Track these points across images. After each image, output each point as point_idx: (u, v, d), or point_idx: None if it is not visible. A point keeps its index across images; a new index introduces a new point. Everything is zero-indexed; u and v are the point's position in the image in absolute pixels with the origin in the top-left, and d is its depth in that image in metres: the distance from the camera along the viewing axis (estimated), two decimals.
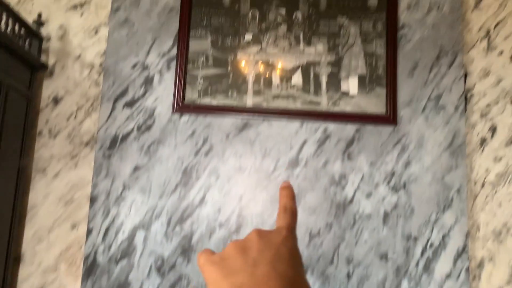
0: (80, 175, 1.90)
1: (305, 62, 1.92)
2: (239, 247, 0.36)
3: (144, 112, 1.86)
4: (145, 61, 1.89)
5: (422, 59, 1.91)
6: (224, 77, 1.90)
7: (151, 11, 1.92)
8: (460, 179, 1.84)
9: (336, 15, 1.94)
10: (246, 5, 1.94)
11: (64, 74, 1.96)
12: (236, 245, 0.37)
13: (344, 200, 1.83)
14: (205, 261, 0.37)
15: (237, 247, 0.36)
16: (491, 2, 2.05)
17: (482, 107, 1.99)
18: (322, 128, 1.87)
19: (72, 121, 1.93)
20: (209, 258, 0.37)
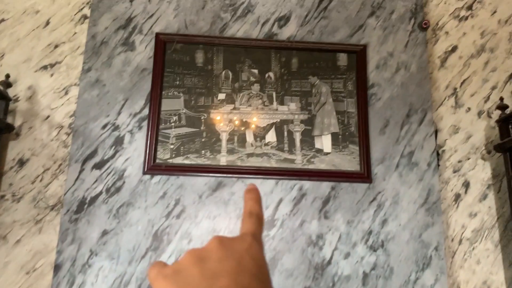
0: (44, 241, 1.80)
1: (279, 120, 1.92)
2: (196, 257, 0.31)
3: (113, 174, 1.80)
4: (116, 121, 1.85)
5: (393, 117, 1.94)
6: (197, 136, 1.87)
7: (123, 72, 1.91)
8: (438, 236, 1.81)
9: (308, 75, 1.97)
10: (219, 66, 1.96)
11: (31, 135, 1.90)
12: (192, 254, 0.32)
13: (322, 261, 1.77)
14: (156, 275, 0.32)
15: (194, 257, 0.31)
16: (455, 61, 2.13)
17: (454, 163, 2.01)
18: (297, 186, 1.85)
19: (38, 183, 1.85)
20: (161, 271, 0.32)
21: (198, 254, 0.32)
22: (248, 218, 0.38)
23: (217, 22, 2.00)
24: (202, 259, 0.31)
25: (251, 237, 0.35)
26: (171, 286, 0.29)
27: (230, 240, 0.34)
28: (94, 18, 1.96)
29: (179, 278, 0.30)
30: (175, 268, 0.31)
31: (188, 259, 0.31)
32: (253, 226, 0.37)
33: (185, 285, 0.29)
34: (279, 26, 2.02)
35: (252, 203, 0.39)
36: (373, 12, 2.06)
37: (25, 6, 2.03)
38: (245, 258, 0.31)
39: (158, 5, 2.00)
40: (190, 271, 0.30)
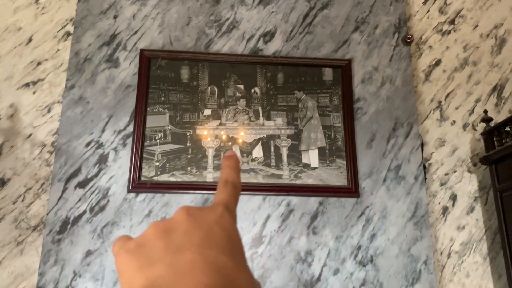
0: (26, 263, 1.75)
1: (265, 135, 1.91)
2: (161, 229, 0.29)
3: (97, 192, 1.76)
4: (100, 138, 1.82)
5: (379, 131, 1.94)
6: (183, 152, 1.85)
7: (107, 88, 1.89)
8: (426, 250, 1.81)
9: (294, 90, 1.97)
10: (205, 81, 1.95)
11: (13, 154, 1.86)
12: (157, 227, 0.29)
13: (311, 278, 1.75)
14: (119, 249, 0.29)
15: (159, 230, 0.29)
16: (440, 75, 2.15)
17: (441, 176, 2.01)
18: (285, 202, 1.83)
19: (20, 204, 1.80)
20: (124, 246, 0.29)
21: (163, 226, 0.29)
22: (223, 187, 0.34)
23: (202, 38, 2.00)
24: (167, 231, 0.28)
25: (222, 207, 0.32)
26: (133, 260, 0.27)
27: (198, 210, 0.31)
28: (78, 35, 1.94)
29: (143, 252, 0.28)
30: (139, 241, 0.29)
31: (153, 232, 0.29)
32: (227, 195, 0.34)
33: (147, 259, 0.27)
34: (264, 42, 2.02)
35: (228, 171, 0.36)
36: (357, 27, 2.08)
37: (7, 23, 2.00)
38: (214, 230, 0.29)
39: (143, 22, 1.99)
40: (154, 244, 0.28)
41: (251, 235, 1.77)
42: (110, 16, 1.98)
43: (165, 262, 0.26)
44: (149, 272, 0.26)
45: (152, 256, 0.27)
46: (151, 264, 0.26)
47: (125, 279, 0.27)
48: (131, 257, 0.28)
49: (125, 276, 0.27)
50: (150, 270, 0.26)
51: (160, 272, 0.25)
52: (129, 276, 0.27)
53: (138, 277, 0.26)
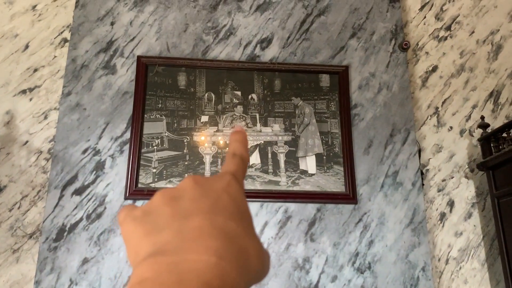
0: (22, 271, 1.73)
1: (263, 141, 1.91)
2: (168, 196, 0.28)
3: (94, 200, 1.75)
4: (97, 145, 1.82)
5: (376, 137, 1.94)
6: (180, 159, 1.85)
7: (104, 95, 1.89)
8: (424, 256, 1.80)
9: (291, 96, 1.97)
10: (202, 88, 1.95)
11: (9, 161, 1.85)
12: (164, 194, 0.29)
13: (309, 285, 1.74)
14: (124, 217, 0.29)
15: (166, 197, 0.28)
16: (436, 81, 2.16)
17: (438, 182, 2.01)
18: (282, 209, 1.82)
19: (16, 211, 1.79)
20: (130, 214, 0.29)
21: (170, 193, 0.29)
22: (231, 158, 0.34)
23: (199, 44, 2.00)
24: (175, 198, 0.28)
25: (230, 175, 0.31)
26: (139, 228, 0.27)
27: (206, 179, 0.30)
28: (75, 41, 1.94)
29: (149, 219, 0.27)
30: (145, 209, 0.28)
31: (159, 199, 0.28)
32: (235, 166, 0.33)
33: (154, 226, 0.26)
34: (261, 48, 2.02)
35: (237, 145, 0.36)
36: (354, 34, 2.08)
37: (4, 30, 2.00)
38: (222, 197, 0.28)
39: (140, 28, 1.99)
40: (161, 211, 0.27)
41: None
42: (107, 22, 1.98)
43: (173, 228, 0.25)
44: (156, 238, 0.25)
45: (159, 222, 0.26)
46: (158, 231, 0.26)
47: (131, 247, 0.27)
48: (137, 224, 0.27)
49: (132, 244, 0.27)
50: (157, 236, 0.25)
51: (167, 237, 0.25)
52: (135, 244, 0.27)
53: (144, 243, 0.26)
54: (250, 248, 0.26)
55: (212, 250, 0.23)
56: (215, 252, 0.23)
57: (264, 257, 0.27)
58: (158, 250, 0.24)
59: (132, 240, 0.27)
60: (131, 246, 0.27)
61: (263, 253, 0.27)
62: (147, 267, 0.23)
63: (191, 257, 0.23)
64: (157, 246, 0.25)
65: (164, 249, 0.24)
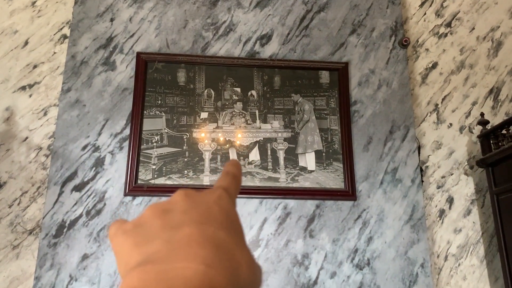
0: (22, 267, 1.74)
1: (262, 138, 1.91)
2: (159, 210, 0.28)
3: (94, 196, 1.76)
4: (97, 142, 1.82)
5: (376, 134, 1.94)
6: (179, 156, 1.85)
7: (104, 91, 1.89)
8: (423, 253, 1.80)
9: (290, 93, 1.97)
10: (201, 84, 1.94)
11: (9, 157, 1.85)
12: (155, 208, 0.29)
13: (308, 281, 1.74)
14: (115, 231, 0.29)
15: (156, 210, 0.28)
16: (436, 77, 2.16)
17: (437, 179, 2.01)
18: (282, 205, 1.83)
19: (15, 207, 1.80)
20: (121, 227, 0.29)
21: (161, 206, 0.29)
22: (223, 176, 0.34)
23: (199, 41, 2.00)
24: (165, 211, 0.28)
25: (222, 189, 0.31)
26: (129, 240, 0.27)
27: (197, 192, 0.31)
28: (74, 37, 1.94)
29: (139, 231, 0.27)
30: (136, 222, 0.29)
31: (150, 212, 0.29)
32: (227, 183, 0.33)
33: (144, 237, 0.26)
34: (261, 45, 2.02)
35: (231, 167, 0.36)
36: (354, 30, 2.08)
37: (3, 26, 2.00)
38: (212, 208, 0.28)
39: (139, 25, 1.99)
40: (152, 223, 0.27)
41: (248, 238, 1.77)
42: (107, 19, 1.98)
43: (162, 238, 0.26)
44: (146, 248, 0.25)
45: (149, 234, 0.27)
46: (148, 241, 0.26)
47: (121, 259, 0.27)
48: (127, 237, 0.27)
49: (122, 256, 0.27)
50: (147, 247, 0.25)
51: (156, 247, 0.25)
52: (125, 255, 0.27)
53: (134, 254, 0.26)
54: (240, 257, 0.26)
55: (201, 258, 0.23)
56: (203, 260, 0.23)
57: (256, 269, 0.27)
58: (147, 259, 0.24)
59: (122, 251, 0.27)
60: (121, 257, 0.27)
61: (255, 265, 0.27)
62: (136, 276, 0.23)
63: (179, 265, 0.23)
64: (146, 255, 0.25)
65: (153, 258, 0.24)
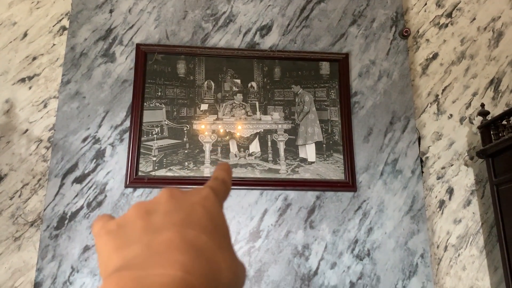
0: (23, 259, 1.75)
1: (262, 130, 1.91)
2: (142, 210, 0.28)
3: (95, 188, 1.76)
4: (97, 134, 1.82)
5: (376, 125, 1.94)
6: (180, 147, 1.85)
7: (104, 83, 1.88)
8: (423, 243, 1.81)
9: (291, 84, 1.97)
10: (201, 76, 1.94)
11: (9, 149, 1.85)
12: (139, 207, 0.29)
13: (309, 271, 1.75)
14: (99, 230, 0.29)
15: (140, 210, 0.28)
16: (437, 68, 2.15)
17: (437, 170, 2.02)
18: (282, 196, 1.83)
19: (17, 199, 1.80)
20: (105, 226, 0.29)
21: (145, 206, 0.29)
22: (212, 180, 0.34)
23: (198, 32, 1.99)
24: (148, 212, 0.28)
25: (208, 189, 0.31)
26: (111, 242, 0.27)
27: (182, 192, 0.30)
28: (73, 29, 1.93)
29: (121, 233, 0.27)
30: (119, 222, 0.29)
31: (134, 212, 0.28)
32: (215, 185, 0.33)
33: (125, 240, 0.27)
34: (261, 36, 2.01)
35: (220, 172, 0.36)
36: (355, 21, 2.07)
37: (2, 18, 1.99)
38: (196, 210, 0.28)
39: (139, 16, 1.97)
40: (134, 224, 0.27)
41: (249, 229, 1.77)
42: (106, 10, 1.97)
43: (142, 242, 0.26)
44: (125, 253, 0.25)
45: (130, 236, 0.27)
46: (128, 245, 0.26)
47: (102, 260, 0.27)
48: (110, 238, 0.27)
49: (103, 257, 0.27)
50: (126, 251, 0.26)
51: (135, 252, 0.25)
52: (106, 257, 0.27)
53: (114, 257, 0.26)
54: (222, 261, 0.26)
55: (178, 264, 0.23)
56: (181, 267, 0.23)
57: (238, 270, 0.27)
58: (125, 264, 0.24)
59: (103, 253, 0.27)
60: (102, 259, 0.27)
61: (237, 266, 0.27)
62: (112, 282, 0.23)
63: (156, 272, 0.23)
64: (124, 260, 0.25)
65: (130, 264, 0.24)
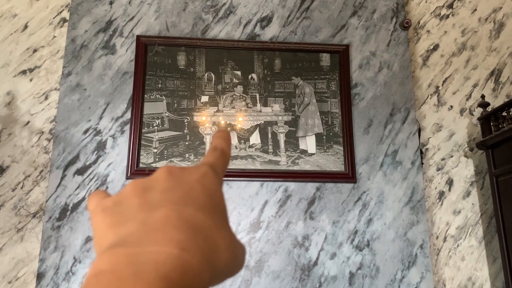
0: (26, 250, 1.77)
1: (263, 122, 1.92)
2: (139, 187, 0.28)
3: (96, 179, 1.77)
4: (98, 126, 1.83)
5: (376, 116, 1.95)
6: (180, 139, 1.86)
7: (104, 75, 1.89)
8: (422, 234, 1.83)
9: (291, 76, 1.97)
10: (202, 68, 1.94)
11: (11, 141, 1.86)
12: (136, 184, 0.28)
13: (309, 262, 1.77)
14: (95, 207, 0.29)
15: (137, 188, 0.28)
16: (437, 59, 2.15)
17: (437, 161, 2.02)
18: (282, 188, 1.84)
19: (19, 191, 1.82)
20: (101, 203, 0.28)
21: (142, 184, 0.28)
22: (211, 152, 0.33)
23: (198, 23, 1.99)
24: (146, 189, 0.28)
25: (207, 166, 0.30)
26: (107, 219, 0.27)
27: (181, 169, 0.29)
28: (74, 21, 1.93)
29: (117, 210, 0.27)
30: (116, 199, 0.28)
31: (130, 190, 0.28)
32: (214, 158, 0.32)
33: (121, 218, 0.26)
34: (261, 27, 2.01)
35: (219, 140, 0.35)
36: (355, 12, 2.06)
37: (2, 10, 1.99)
38: (194, 188, 0.28)
39: (139, 7, 1.97)
40: (130, 202, 0.27)
41: (249, 220, 1.79)
42: (106, 2, 1.96)
43: (138, 219, 0.25)
44: (120, 230, 0.25)
45: (126, 214, 0.26)
46: (124, 222, 0.26)
47: (97, 238, 0.27)
48: (105, 215, 0.27)
49: (98, 235, 0.27)
50: (121, 228, 0.25)
51: (131, 229, 0.24)
52: (101, 235, 0.27)
53: (108, 235, 0.26)
54: (220, 240, 0.25)
55: (174, 241, 0.23)
56: (177, 244, 0.23)
57: (237, 250, 0.27)
58: (119, 241, 0.24)
59: (98, 230, 0.27)
60: (97, 236, 0.27)
61: (236, 246, 0.27)
62: (105, 259, 0.22)
63: (151, 249, 0.22)
64: (119, 237, 0.24)
65: (125, 241, 0.23)
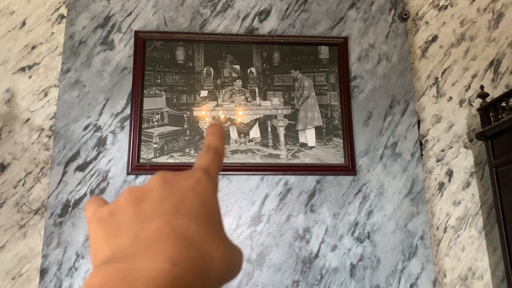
0: (29, 246, 1.78)
1: (262, 115, 1.92)
2: (133, 196, 0.28)
3: (97, 175, 1.78)
4: (98, 122, 1.83)
5: (375, 109, 1.95)
6: (180, 134, 1.86)
7: (103, 71, 1.89)
8: (423, 225, 1.83)
9: (290, 69, 1.97)
10: (200, 62, 1.94)
11: (12, 139, 1.87)
12: (131, 193, 0.28)
13: (310, 254, 1.78)
14: (91, 216, 0.29)
15: (131, 197, 0.28)
16: (436, 51, 2.14)
17: (437, 152, 2.03)
18: (283, 181, 1.85)
19: (20, 188, 1.82)
20: (97, 212, 0.28)
21: (136, 192, 0.28)
22: (204, 152, 0.33)
23: (197, 18, 1.98)
24: (140, 198, 0.27)
25: (201, 171, 0.30)
26: (102, 230, 0.27)
27: (175, 176, 0.29)
28: (71, 17, 1.92)
29: (112, 221, 0.27)
30: (111, 208, 0.28)
31: (125, 198, 0.28)
32: (208, 160, 0.32)
33: (115, 229, 0.26)
34: (259, 21, 2.01)
35: (212, 137, 0.34)
36: (353, 4, 2.06)
37: (0, 7, 1.98)
38: (187, 197, 0.27)
39: (137, 2, 1.97)
40: (124, 212, 0.27)
41: (250, 214, 1.80)
42: None
43: (131, 232, 0.25)
44: (114, 243, 0.25)
45: (121, 225, 0.26)
46: (118, 235, 0.26)
47: (93, 249, 0.27)
48: (101, 227, 0.27)
49: (94, 246, 0.27)
50: (116, 241, 0.25)
51: (124, 242, 0.25)
52: (96, 247, 0.27)
53: (103, 247, 0.26)
54: (214, 251, 0.25)
55: (166, 255, 0.23)
56: (169, 258, 0.23)
57: (232, 258, 0.27)
58: (113, 256, 0.24)
59: (94, 241, 0.27)
60: (93, 248, 0.27)
61: (231, 253, 0.27)
62: (99, 275, 0.22)
63: (143, 265, 0.22)
64: (113, 251, 0.24)
65: (118, 256, 0.23)
